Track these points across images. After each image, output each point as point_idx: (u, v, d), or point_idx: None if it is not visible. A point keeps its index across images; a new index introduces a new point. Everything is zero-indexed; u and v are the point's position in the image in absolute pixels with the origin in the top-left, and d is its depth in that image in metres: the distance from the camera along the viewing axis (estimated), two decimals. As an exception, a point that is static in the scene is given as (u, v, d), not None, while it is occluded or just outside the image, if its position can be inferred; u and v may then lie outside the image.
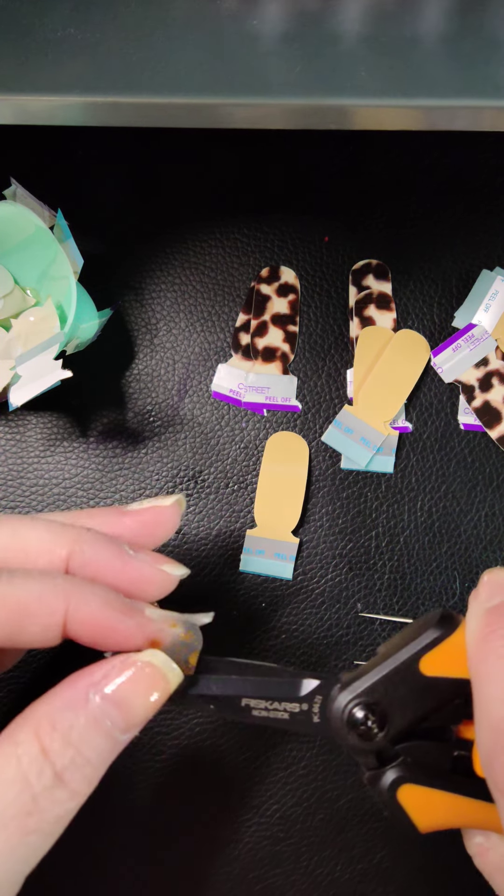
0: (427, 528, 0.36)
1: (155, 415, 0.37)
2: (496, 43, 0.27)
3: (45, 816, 0.19)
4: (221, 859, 0.34)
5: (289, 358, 0.37)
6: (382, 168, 0.38)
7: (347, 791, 0.34)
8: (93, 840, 0.33)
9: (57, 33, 0.27)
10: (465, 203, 0.38)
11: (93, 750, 0.20)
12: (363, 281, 0.38)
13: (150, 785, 0.34)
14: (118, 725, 0.20)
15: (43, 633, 0.21)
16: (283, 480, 0.36)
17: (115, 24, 0.27)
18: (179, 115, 0.27)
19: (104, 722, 0.20)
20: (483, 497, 0.36)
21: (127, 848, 0.34)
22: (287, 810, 0.34)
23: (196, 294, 0.38)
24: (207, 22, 0.27)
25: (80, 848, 0.33)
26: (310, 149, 0.38)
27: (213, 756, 0.34)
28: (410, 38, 0.27)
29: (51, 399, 0.36)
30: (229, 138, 0.38)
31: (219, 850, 0.34)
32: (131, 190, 0.38)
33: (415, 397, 0.37)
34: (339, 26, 0.27)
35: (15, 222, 0.33)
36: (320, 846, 0.34)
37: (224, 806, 0.34)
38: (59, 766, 0.19)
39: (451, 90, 0.27)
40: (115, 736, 0.20)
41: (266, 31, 0.27)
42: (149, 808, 0.34)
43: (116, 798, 0.34)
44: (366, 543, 0.36)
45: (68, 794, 0.19)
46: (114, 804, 0.34)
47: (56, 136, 0.38)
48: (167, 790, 0.34)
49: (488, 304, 0.37)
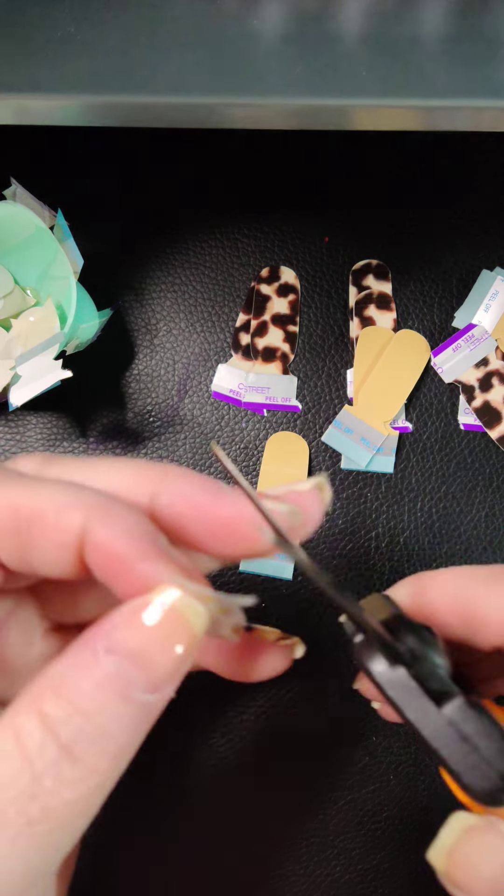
0: (427, 528, 0.36)
1: (155, 415, 0.37)
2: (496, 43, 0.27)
3: (53, 801, 0.15)
4: (221, 860, 0.33)
5: (289, 358, 0.37)
6: (382, 168, 0.38)
7: (346, 793, 0.34)
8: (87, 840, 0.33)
9: (57, 33, 0.27)
10: (465, 203, 0.38)
11: (108, 716, 0.16)
12: (363, 281, 0.38)
13: (149, 785, 0.34)
14: (138, 684, 0.16)
15: (55, 554, 0.18)
16: (283, 481, 0.36)
17: (115, 24, 0.27)
18: (179, 115, 0.27)
19: (119, 681, 0.16)
20: (483, 497, 0.36)
21: (126, 848, 0.34)
22: (286, 811, 0.34)
23: (196, 294, 0.38)
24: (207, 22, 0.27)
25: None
26: (310, 149, 0.38)
27: (213, 757, 0.34)
28: (411, 39, 0.27)
29: (51, 399, 0.36)
30: (229, 138, 0.38)
31: (218, 851, 0.34)
32: (131, 190, 0.38)
33: (415, 397, 0.37)
34: (339, 26, 0.27)
35: (15, 222, 0.33)
36: (320, 847, 0.34)
37: (223, 807, 0.34)
38: (65, 737, 0.16)
39: (451, 90, 0.26)
40: (137, 697, 0.16)
41: (266, 31, 0.27)
42: (147, 809, 0.34)
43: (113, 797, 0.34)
44: (366, 543, 0.36)
45: (82, 772, 0.16)
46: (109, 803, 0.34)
47: (56, 136, 0.38)
48: (167, 790, 0.34)
49: (488, 304, 0.37)
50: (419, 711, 0.19)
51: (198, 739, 0.34)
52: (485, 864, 0.19)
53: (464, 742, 0.19)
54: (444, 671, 0.21)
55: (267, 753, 0.34)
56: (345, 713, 0.34)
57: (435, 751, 0.19)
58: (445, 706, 0.19)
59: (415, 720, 0.19)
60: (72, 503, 0.17)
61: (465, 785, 0.19)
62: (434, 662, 0.20)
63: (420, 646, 0.21)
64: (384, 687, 0.20)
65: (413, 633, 0.21)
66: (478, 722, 0.19)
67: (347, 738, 0.34)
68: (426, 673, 0.20)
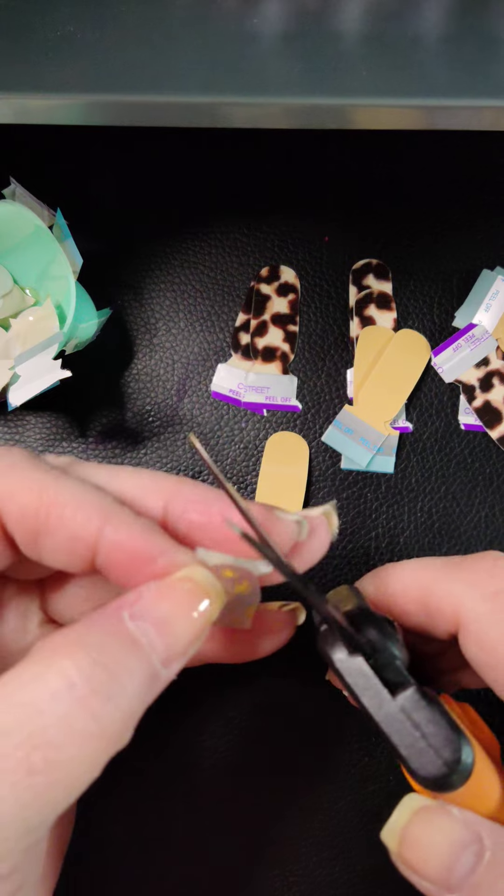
0: (427, 528, 0.36)
1: (154, 415, 0.37)
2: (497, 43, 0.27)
3: (57, 755, 0.15)
4: (220, 860, 0.33)
5: (289, 358, 0.37)
6: (382, 168, 0.38)
7: (346, 793, 0.34)
8: (81, 840, 0.33)
9: (57, 32, 0.27)
10: (465, 203, 0.38)
11: (128, 675, 0.17)
12: (363, 280, 0.38)
13: (148, 785, 0.34)
14: (158, 651, 0.17)
15: (68, 546, 0.19)
16: (283, 481, 0.36)
17: (115, 23, 0.27)
18: (179, 114, 0.27)
19: (142, 643, 0.17)
20: (483, 498, 0.36)
21: (125, 848, 0.34)
22: (286, 812, 0.34)
23: (196, 294, 0.38)
24: (207, 21, 0.27)
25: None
26: (310, 149, 0.38)
27: (211, 756, 0.34)
28: (411, 38, 0.27)
29: (50, 399, 0.36)
30: (229, 138, 0.38)
31: (217, 851, 0.33)
32: (131, 190, 0.38)
33: (415, 397, 0.37)
34: (339, 25, 0.27)
35: (14, 222, 0.33)
36: (319, 847, 0.34)
37: (222, 807, 0.34)
38: (83, 690, 0.16)
39: (451, 90, 0.26)
40: (154, 664, 0.17)
41: (266, 31, 0.27)
42: (146, 810, 0.34)
43: (113, 797, 0.34)
44: (366, 544, 0.36)
45: (95, 728, 0.16)
46: (108, 803, 0.34)
47: (56, 135, 0.38)
48: (165, 790, 0.34)
49: (489, 303, 0.37)
50: (374, 699, 0.21)
51: (196, 739, 0.34)
52: (435, 845, 0.20)
53: (414, 729, 0.20)
54: (401, 662, 0.22)
55: (266, 753, 0.34)
56: (344, 713, 0.34)
57: (386, 737, 0.21)
58: (399, 695, 0.21)
59: (369, 706, 0.21)
60: (90, 502, 0.19)
61: (413, 770, 0.20)
62: (392, 654, 0.22)
63: (380, 637, 0.22)
64: (342, 674, 0.21)
65: (374, 625, 0.22)
66: (428, 711, 0.20)
67: (347, 738, 0.34)
68: (383, 663, 0.21)
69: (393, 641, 0.22)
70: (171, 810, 0.34)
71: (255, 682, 0.35)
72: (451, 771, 0.20)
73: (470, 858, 0.19)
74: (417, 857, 0.20)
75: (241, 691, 0.34)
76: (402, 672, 0.21)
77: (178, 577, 0.18)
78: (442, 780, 0.20)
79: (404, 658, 0.22)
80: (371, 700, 0.21)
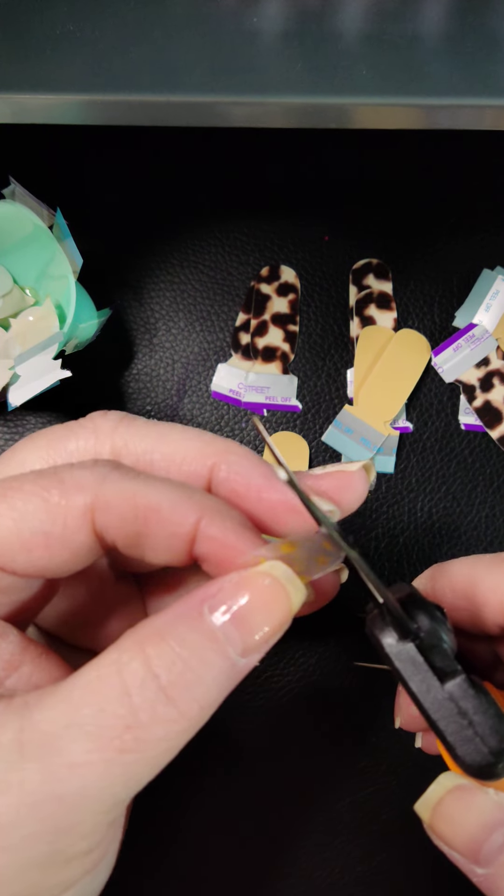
0: (427, 528, 0.36)
1: (155, 415, 0.37)
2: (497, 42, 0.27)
3: (146, 735, 0.17)
4: (220, 862, 0.33)
5: (289, 358, 0.37)
6: (382, 167, 0.38)
7: (346, 794, 0.34)
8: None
9: (56, 31, 0.27)
10: (465, 203, 0.38)
11: (205, 667, 0.18)
12: (363, 280, 0.38)
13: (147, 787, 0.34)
14: (235, 644, 0.18)
15: (168, 542, 0.20)
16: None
17: (115, 22, 0.27)
18: (179, 113, 0.27)
19: (219, 637, 0.18)
20: (483, 498, 0.36)
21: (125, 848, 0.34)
22: (287, 813, 0.34)
23: (195, 293, 0.38)
24: (207, 20, 0.27)
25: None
26: (310, 148, 0.38)
27: (211, 757, 0.34)
28: (411, 37, 0.27)
29: (50, 399, 0.36)
30: (229, 137, 0.38)
31: (217, 852, 0.33)
32: (131, 190, 0.38)
33: (415, 397, 0.37)
34: (339, 24, 0.27)
35: (14, 221, 0.33)
36: (319, 849, 0.33)
37: (223, 808, 0.34)
38: (165, 679, 0.17)
39: (452, 89, 0.26)
40: (232, 657, 0.18)
41: (266, 29, 0.27)
42: (146, 808, 0.34)
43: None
44: (366, 544, 0.36)
45: (175, 713, 0.17)
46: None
47: (56, 135, 0.38)
48: (165, 791, 0.34)
49: (489, 303, 0.37)
50: (422, 685, 0.21)
51: (196, 740, 0.34)
52: (468, 822, 0.20)
53: (461, 717, 0.21)
54: (450, 650, 0.22)
55: (267, 755, 0.34)
56: (345, 716, 0.34)
57: (434, 723, 0.21)
58: (448, 682, 0.21)
59: (417, 692, 0.21)
60: (185, 501, 0.20)
61: (458, 757, 0.20)
62: (442, 640, 0.22)
63: (430, 624, 0.22)
64: (392, 659, 0.21)
65: (425, 611, 0.22)
66: (476, 700, 0.21)
67: (348, 740, 0.34)
68: (433, 650, 0.21)
69: (443, 628, 0.22)
70: (170, 811, 0.34)
71: (253, 685, 0.35)
72: (497, 760, 0.20)
73: (500, 838, 0.20)
74: (449, 830, 0.21)
75: (238, 693, 0.34)
76: (451, 659, 0.21)
77: (257, 572, 0.19)
78: (487, 768, 0.20)
79: (453, 645, 0.22)
80: (419, 686, 0.21)
